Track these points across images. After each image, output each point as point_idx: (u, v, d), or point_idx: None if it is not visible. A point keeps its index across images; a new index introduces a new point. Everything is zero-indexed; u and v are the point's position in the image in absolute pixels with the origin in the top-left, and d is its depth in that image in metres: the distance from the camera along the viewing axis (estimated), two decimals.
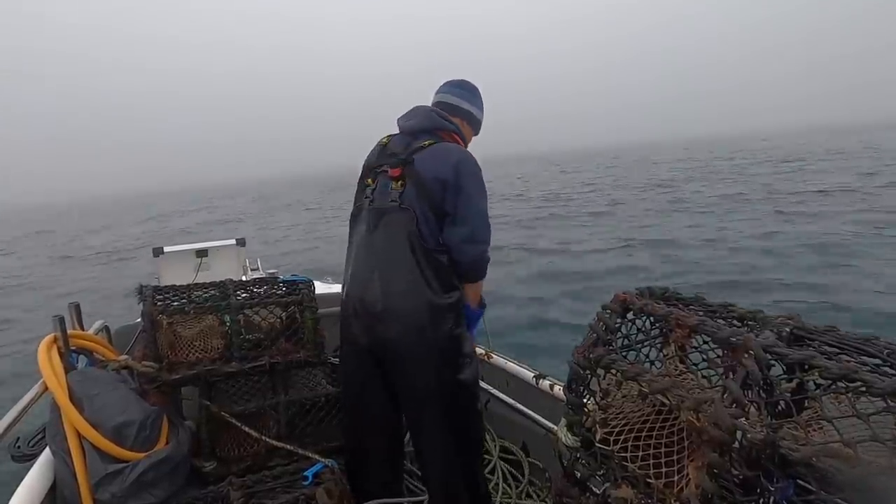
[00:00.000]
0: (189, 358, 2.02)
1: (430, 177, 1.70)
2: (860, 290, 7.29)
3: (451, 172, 1.70)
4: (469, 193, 1.71)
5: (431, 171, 1.71)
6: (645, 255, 10.70)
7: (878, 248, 9.41)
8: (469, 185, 1.72)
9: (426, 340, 1.67)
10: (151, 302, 2.02)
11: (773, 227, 12.12)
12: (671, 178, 28.93)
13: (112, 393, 1.69)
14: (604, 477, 1.09)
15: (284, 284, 2.30)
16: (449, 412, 1.74)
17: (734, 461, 0.87)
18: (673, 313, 1.09)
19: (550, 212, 19.15)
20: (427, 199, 1.69)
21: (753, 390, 0.90)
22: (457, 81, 1.98)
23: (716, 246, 10.89)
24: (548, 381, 2.11)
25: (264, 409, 2.11)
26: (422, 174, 1.71)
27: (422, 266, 1.67)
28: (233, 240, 4.31)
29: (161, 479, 1.61)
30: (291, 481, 1.78)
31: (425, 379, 1.71)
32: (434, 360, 1.69)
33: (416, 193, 1.70)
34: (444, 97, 1.94)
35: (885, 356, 0.88)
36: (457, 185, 1.70)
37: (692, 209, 16.41)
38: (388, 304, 1.68)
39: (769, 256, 9.64)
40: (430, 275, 1.67)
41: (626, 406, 1.11)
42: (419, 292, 1.66)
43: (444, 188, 1.70)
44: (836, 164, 27.54)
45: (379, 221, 1.74)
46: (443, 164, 1.71)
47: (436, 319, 1.68)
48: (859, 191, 16.86)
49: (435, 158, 1.73)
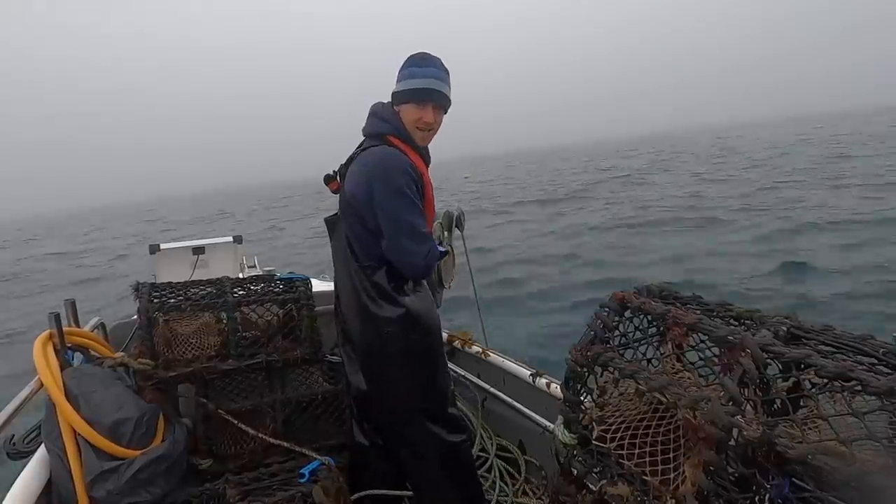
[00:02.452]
0: (186, 355, 2.01)
1: (349, 192, 1.69)
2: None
3: (364, 188, 1.63)
4: (384, 207, 1.61)
5: (350, 187, 1.69)
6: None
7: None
8: (381, 195, 1.60)
9: (370, 347, 1.71)
10: (148, 299, 2.01)
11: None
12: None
13: (108, 390, 1.68)
14: (600, 474, 1.09)
15: (281, 282, 2.30)
16: (409, 414, 1.75)
17: (730, 459, 0.87)
18: (670, 312, 1.09)
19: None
20: (351, 215, 1.68)
21: (750, 388, 0.90)
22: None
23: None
24: (545, 378, 2.11)
25: (261, 406, 2.10)
26: (345, 189, 1.72)
27: (353, 279, 1.70)
28: (230, 237, 4.30)
29: (157, 476, 1.61)
30: (288, 479, 1.78)
31: (378, 383, 1.75)
32: (376, 363, 1.73)
33: (345, 209, 1.73)
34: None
35: (880, 355, 0.88)
36: (371, 198, 1.62)
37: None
38: (340, 304, 1.81)
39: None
40: (364, 286, 1.68)
41: (623, 404, 1.11)
42: (356, 301, 1.70)
43: (361, 203, 1.64)
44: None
45: (332, 232, 1.83)
46: (358, 179, 1.66)
47: (370, 328, 1.68)
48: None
49: (353, 172, 1.70)
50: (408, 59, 1.73)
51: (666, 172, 28.54)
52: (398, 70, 1.74)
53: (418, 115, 1.70)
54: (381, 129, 1.72)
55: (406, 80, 1.70)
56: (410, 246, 1.60)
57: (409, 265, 1.63)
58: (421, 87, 1.68)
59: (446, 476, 1.77)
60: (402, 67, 1.72)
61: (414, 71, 1.70)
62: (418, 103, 1.69)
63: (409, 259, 1.62)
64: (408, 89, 1.69)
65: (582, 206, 18.60)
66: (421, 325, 1.69)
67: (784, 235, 10.53)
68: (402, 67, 1.72)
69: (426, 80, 1.68)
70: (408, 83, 1.69)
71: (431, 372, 1.75)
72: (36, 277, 18.22)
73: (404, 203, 1.60)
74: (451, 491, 1.78)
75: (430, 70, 1.70)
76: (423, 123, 1.71)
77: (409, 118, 1.71)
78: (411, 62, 1.71)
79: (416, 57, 1.72)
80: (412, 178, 1.63)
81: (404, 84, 1.70)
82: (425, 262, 1.63)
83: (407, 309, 1.66)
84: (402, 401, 1.73)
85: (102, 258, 20.93)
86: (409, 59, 1.72)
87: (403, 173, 1.62)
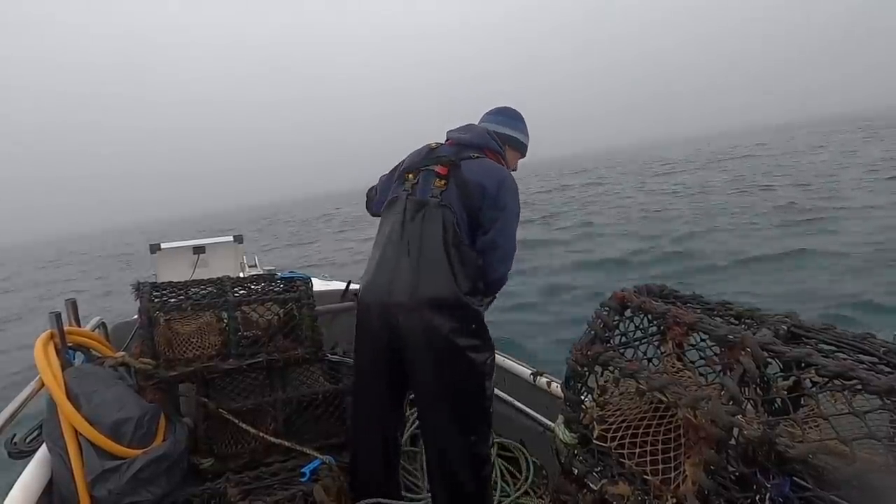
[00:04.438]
0: (186, 355, 2.01)
1: (474, 181, 1.75)
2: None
3: (495, 185, 1.75)
4: (509, 212, 1.77)
5: (476, 177, 1.76)
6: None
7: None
8: (510, 203, 1.78)
9: (446, 333, 1.65)
10: (148, 298, 2.01)
11: None
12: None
13: (109, 390, 1.68)
14: (601, 473, 1.09)
15: (282, 281, 2.30)
16: (457, 408, 1.73)
17: (731, 458, 0.87)
18: (671, 311, 1.09)
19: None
20: (467, 202, 1.74)
21: (750, 388, 0.90)
22: (499, 109, 2.10)
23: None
24: (545, 378, 2.11)
25: (262, 405, 2.10)
26: (467, 177, 1.77)
27: (453, 262, 1.68)
28: (230, 236, 4.30)
29: (158, 475, 1.61)
30: (289, 478, 1.78)
31: (439, 370, 1.68)
32: (451, 354, 1.67)
33: (457, 194, 1.75)
34: (488, 125, 2.03)
35: (881, 354, 0.88)
36: (497, 199, 1.75)
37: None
38: (415, 294, 1.65)
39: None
40: (460, 271, 1.68)
41: (624, 403, 1.11)
42: (447, 286, 1.66)
43: (483, 196, 1.74)
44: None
45: (416, 213, 1.75)
46: (488, 176, 1.78)
47: (458, 315, 1.67)
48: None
49: (482, 169, 1.81)
50: (520, 115, 2.09)
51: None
52: (517, 121, 2.07)
53: (515, 163, 2.09)
54: (495, 149, 1.94)
55: (526, 136, 2.09)
56: (510, 263, 1.81)
57: (501, 278, 1.81)
58: (528, 146, 2.11)
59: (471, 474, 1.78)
60: (522, 121, 2.08)
61: (528, 130, 2.10)
62: (522, 156, 2.11)
63: (504, 272, 1.81)
64: (527, 144, 2.10)
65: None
66: (482, 321, 1.76)
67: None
68: (522, 121, 2.08)
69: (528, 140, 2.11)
70: (526, 139, 2.09)
71: (492, 369, 1.79)
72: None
73: (518, 217, 1.84)
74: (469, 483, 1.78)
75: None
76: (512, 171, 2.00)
77: (510, 161, 2.04)
78: (522, 118, 2.09)
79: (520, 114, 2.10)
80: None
81: (526, 139, 2.09)
82: (506, 281, 1.85)
83: (482, 302, 1.77)
84: (469, 395, 1.74)
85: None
86: (521, 115, 2.09)
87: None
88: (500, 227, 1.75)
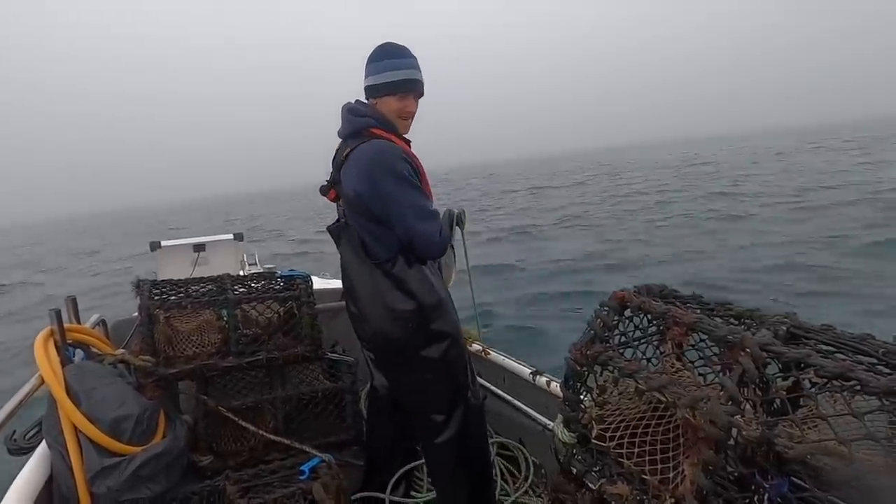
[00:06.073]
0: (186, 352, 2.02)
1: (350, 193, 1.67)
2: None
3: (366, 182, 1.62)
4: (389, 195, 1.62)
5: (350, 187, 1.67)
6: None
7: None
8: (387, 185, 1.61)
9: (391, 342, 1.72)
10: (148, 296, 2.01)
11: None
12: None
13: (109, 387, 1.68)
14: (600, 473, 1.09)
15: (282, 279, 2.30)
16: (426, 408, 1.79)
17: (729, 458, 0.87)
18: (670, 311, 1.09)
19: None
20: (359, 214, 1.68)
21: (749, 388, 0.90)
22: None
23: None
24: (544, 377, 2.11)
25: (261, 403, 2.11)
26: (345, 191, 1.70)
27: (374, 277, 1.70)
28: (230, 234, 4.30)
29: (158, 472, 1.61)
30: (288, 476, 1.78)
31: (396, 375, 1.81)
32: (402, 360, 1.75)
33: (350, 211, 1.72)
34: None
35: (880, 355, 0.88)
36: (375, 192, 1.62)
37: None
38: (359, 308, 1.76)
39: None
40: (384, 284, 1.69)
41: (623, 403, 1.11)
42: (378, 301, 1.70)
43: (365, 198, 1.64)
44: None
45: (339, 240, 1.81)
46: (357, 176, 1.65)
47: (397, 324, 1.70)
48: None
49: (350, 171, 1.67)
50: (381, 52, 1.72)
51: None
52: (367, 63, 1.73)
53: (401, 105, 1.72)
54: (363, 125, 1.71)
55: (386, 73, 1.70)
56: (424, 226, 1.64)
57: (426, 245, 1.66)
58: (404, 79, 1.71)
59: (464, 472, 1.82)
60: (376, 60, 1.72)
61: (396, 63, 1.70)
62: (401, 94, 1.72)
63: (425, 239, 1.65)
64: (390, 81, 1.70)
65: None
66: (437, 315, 1.72)
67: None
68: (376, 60, 1.72)
69: (409, 70, 1.71)
70: (388, 75, 1.70)
71: (455, 359, 1.78)
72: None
73: (409, 187, 1.64)
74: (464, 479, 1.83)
75: (409, 61, 1.72)
76: (406, 113, 1.74)
77: (390, 109, 1.72)
78: (387, 54, 1.71)
79: (389, 48, 1.72)
80: (409, 164, 1.66)
81: (384, 77, 1.70)
82: (441, 239, 1.68)
83: (417, 304, 1.68)
84: (432, 393, 1.77)
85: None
86: (382, 52, 1.72)
87: (401, 160, 1.64)
88: (396, 216, 1.63)
